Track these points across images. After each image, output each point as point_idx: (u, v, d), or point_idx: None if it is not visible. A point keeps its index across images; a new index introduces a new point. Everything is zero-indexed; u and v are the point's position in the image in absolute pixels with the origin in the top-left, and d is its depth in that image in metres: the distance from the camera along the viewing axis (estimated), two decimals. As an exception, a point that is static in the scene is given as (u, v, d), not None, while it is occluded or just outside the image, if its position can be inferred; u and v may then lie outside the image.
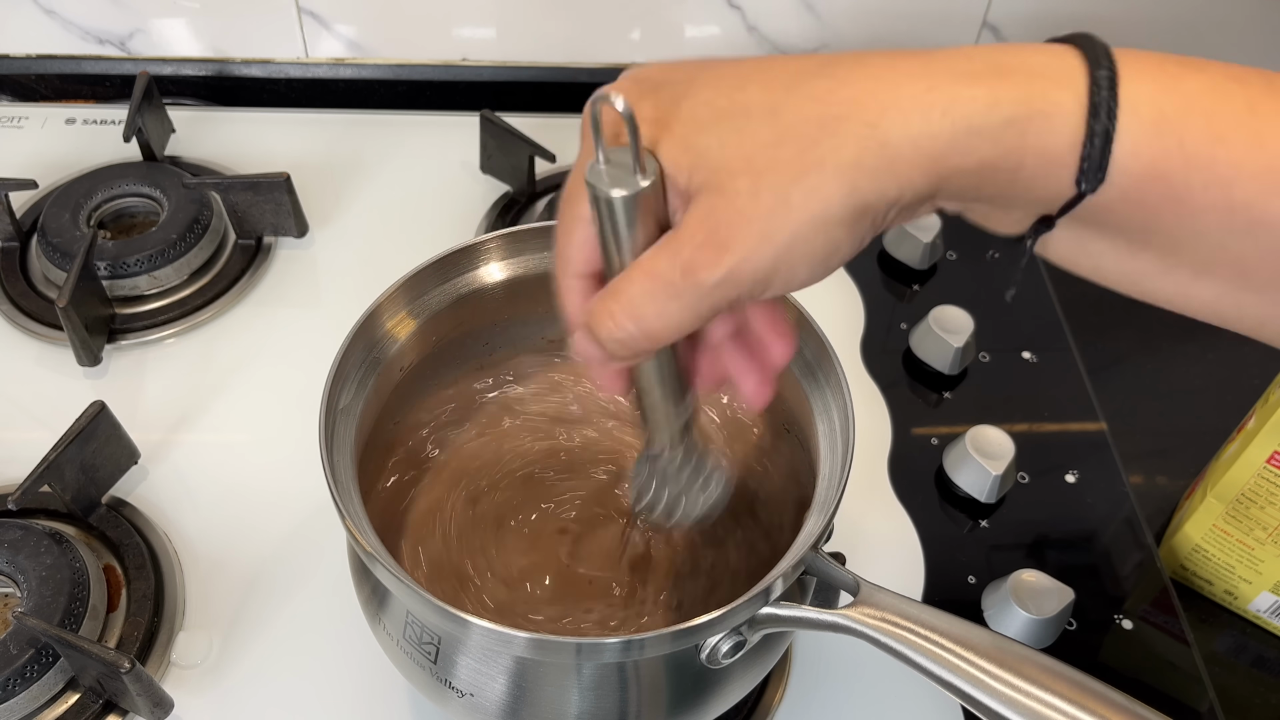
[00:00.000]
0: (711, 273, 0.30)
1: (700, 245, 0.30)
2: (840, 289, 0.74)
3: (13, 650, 0.50)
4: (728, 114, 0.31)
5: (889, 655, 0.38)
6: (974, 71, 0.29)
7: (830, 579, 0.41)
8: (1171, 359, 0.73)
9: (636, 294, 0.32)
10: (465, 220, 0.77)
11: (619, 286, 0.32)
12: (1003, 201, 0.31)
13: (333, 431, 0.43)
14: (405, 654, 0.43)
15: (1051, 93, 0.29)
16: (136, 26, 0.84)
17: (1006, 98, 0.29)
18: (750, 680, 0.44)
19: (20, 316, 0.69)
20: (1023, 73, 0.29)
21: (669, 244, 0.31)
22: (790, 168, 0.29)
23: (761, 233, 0.30)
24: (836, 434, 0.44)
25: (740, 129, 0.30)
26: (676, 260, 0.31)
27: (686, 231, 0.31)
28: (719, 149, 0.30)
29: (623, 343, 0.33)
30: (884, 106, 0.29)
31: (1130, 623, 0.58)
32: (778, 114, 0.30)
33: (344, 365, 0.44)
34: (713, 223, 0.30)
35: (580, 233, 0.34)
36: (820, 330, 0.45)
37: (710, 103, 0.31)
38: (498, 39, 0.86)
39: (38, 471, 0.55)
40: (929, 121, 0.29)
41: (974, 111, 0.29)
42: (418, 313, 0.48)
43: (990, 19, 0.85)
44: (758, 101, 0.30)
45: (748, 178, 0.30)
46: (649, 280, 0.32)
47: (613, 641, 0.37)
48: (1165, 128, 0.29)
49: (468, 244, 0.48)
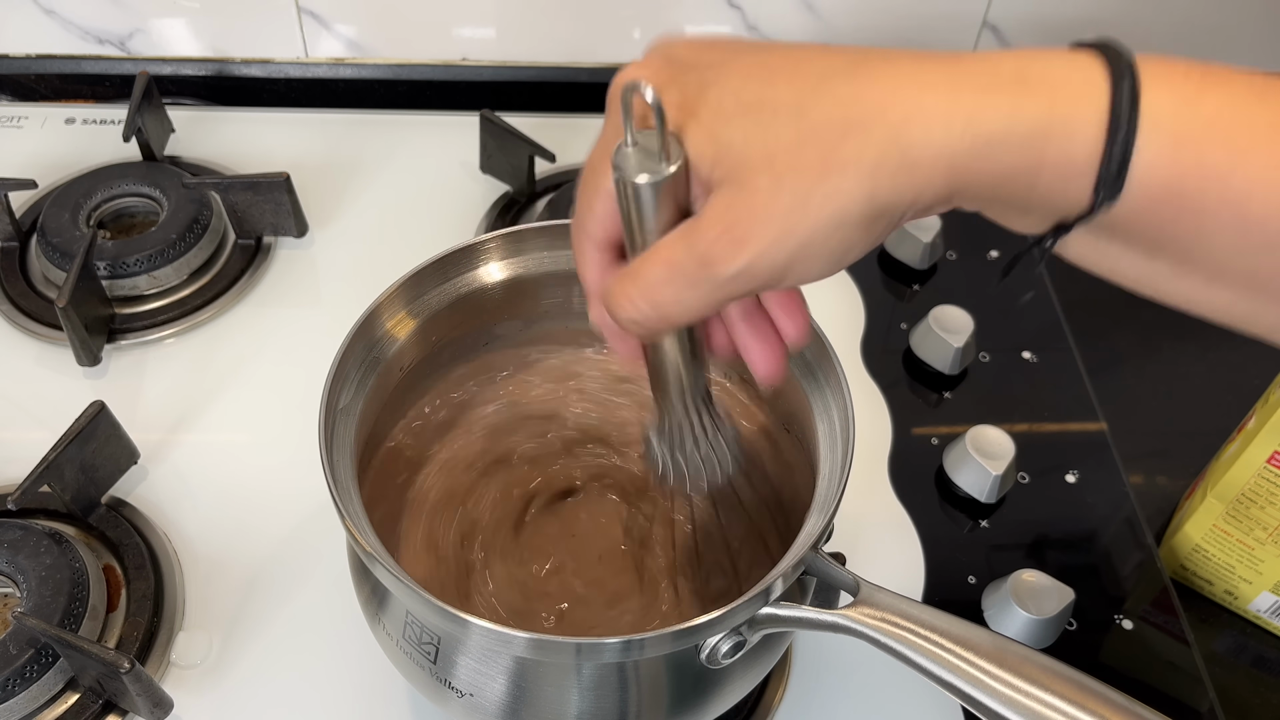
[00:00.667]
0: (728, 266, 0.31)
1: (718, 238, 0.31)
2: (840, 289, 0.74)
3: (12, 650, 0.50)
4: (754, 108, 0.31)
5: (889, 655, 0.38)
6: (998, 82, 0.30)
7: (830, 579, 0.41)
8: (1171, 359, 0.73)
9: (654, 279, 0.33)
10: (465, 220, 0.77)
11: (638, 270, 0.33)
12: (1020, 206, 0.32)
13: (332, 431, 0.43)
14: (405, 654, 0.43)
15: (1073, 106, 0.29)
16: (136, 26, 0.84)
17: (1028, 110, 0.29)
18: (750, 681, 0.44)
19: (20, 316, 0.69)
20: (1046, 84, 0.30)
21: (689, 233, 0.32)
22: (812, 169, 0.30)
23: (779, 230, 0.31)
24: (836, 434, 0.44)
25: (765, 126, 0.31)
26: (695, 251, 0.32)
27: (706, 222, 0.32)
28: (743, 144, 0.31)
29: (639, 324, 0.34)
30: (908, 114, 0.30)
31: (1130, 623, 0.58)
32: (803, 114, 0.30)
33: (344, 365, 0.44)
34: (732, 217, 0.31)
35: (601, 205, 0.35)
36: (820, 330, 0.45)
37: (738, 94, 0.31)
38: (498, 39, 0.86)
39: (37, 471, 0.55)
40: (951, 131, 0.29)
41: (996, 123, 0.29)
42: (418, 312, 0.48)
43: (990, 19, 0.85)
44: (785, 98, 0.31)
45: (769, 175, 0.30)
46: (667, 267, 0.32)
47: (611, 642, 0.37)
48: (1185, 145, 0.29)
49: (468, 244, 0.48)
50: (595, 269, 0.37)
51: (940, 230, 0.75)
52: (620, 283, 0.34)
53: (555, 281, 0.50)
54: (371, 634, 0.45)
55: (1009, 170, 0.30)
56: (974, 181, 0.30)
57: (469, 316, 0.50)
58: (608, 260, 0.36)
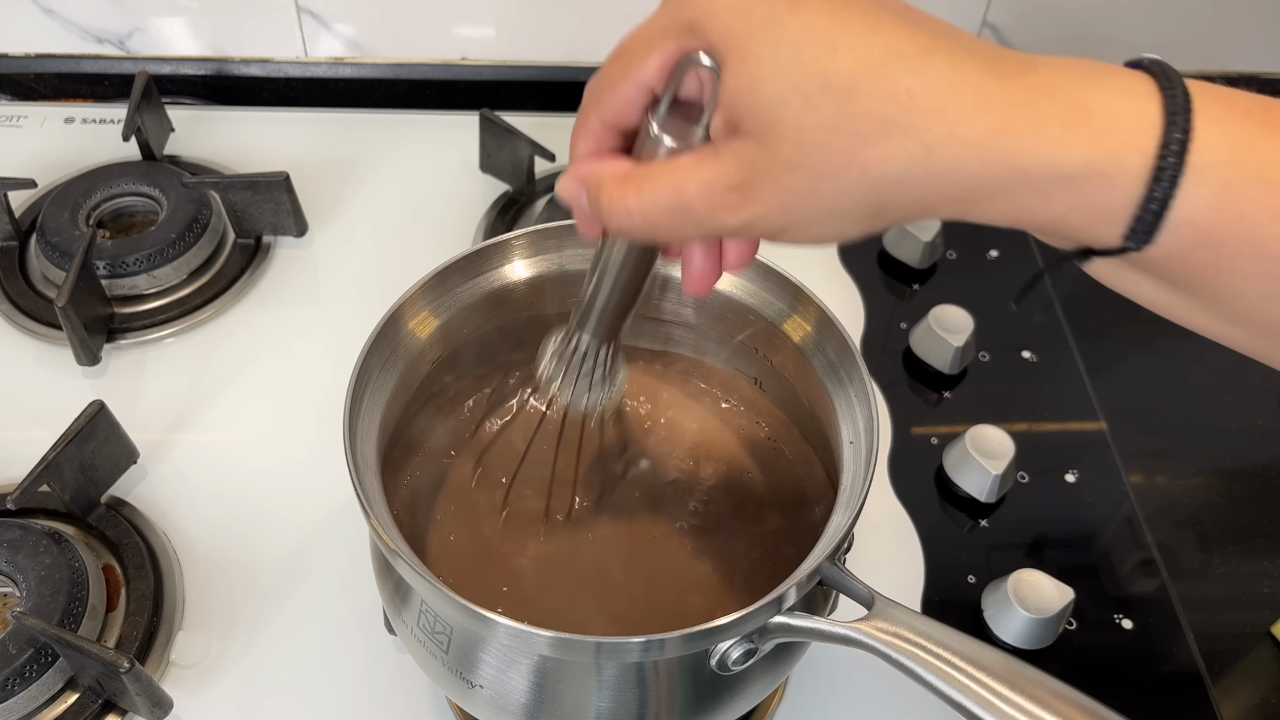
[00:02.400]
0: (732, 217, 0.32)
1: (730, 187, 0.32)
2: (840, 288, 0.74)
3: (12, 650, 0.50)
4: (805, 73, 0.30)
5: (900, 671, 0.37)
6: (1052, 112, 0.29)
7: (845, 591, 0.41)
8: (1171, 359, 0.73)
9: (658, 200, 0.33)
10: (465, 219, 0.77)
11: (643, 185, 0.33)
12: (1039, 233, 0.32)
13: (356, 429, 0.43)
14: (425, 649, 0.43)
15: (1120, 154, 0.28)
16: (135, 25, 0.84)
17: (1073, 152, 0.28)
18: (762, 690, 0.44)
19: (19, 316, 0.69)
20: (1099, 121, 0.29)
21: (703, 170, 0.32)
22: (835, 159, 0.30)
23: (784, 201, 0.31)
24: (861, 438, 0.43)
25: (809, 97, 0.30)
26: (705, 194, 0.32)
27: (723, 168, 0.32)
28: (781, 106, 0.30)
29: (622, 226, 0.34)
30: (949, 136, 0.29)
31: (1130, 622, 0.58)
32: (852, 97, 0.29)
33: (367, 363, 0.44)
34: (747, 172, 0.31)
35: (627, 90, 0.34)
36: (844, 329, 0.45)
37: (797, 48, 0.30)
38: (497, 38, 0.86)
39: (37, 471, 0.55)
40: (986, 167, 0.29)
41: (1035, 166, 0.29)
42: (440, 311, 0.48)
43: (990, 19, 0.85)
44: (841, 73, 0.29)
45: (794, 147, 0.30)
46: (674, 196, 0.33)
47: (621, 641, 0.37)
48: (1228, 199, 0.28)
49: (493, 242, 0.48)
50: (592, 145, 0.36)
51: (940, 230, 0.75)
52: (621, 187, 0.34)
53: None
54: (372, 633, 0.45)
55: (1033, 210, 0.30)
56: (991, 212, 0.30)
57: (492, 315, 0.50)
58: (609, 139, 0.36)
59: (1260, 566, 0.63)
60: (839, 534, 0.40)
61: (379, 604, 0.50)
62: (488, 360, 0.53)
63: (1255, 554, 0.63)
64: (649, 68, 0.34)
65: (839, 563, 0.41)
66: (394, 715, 0.53)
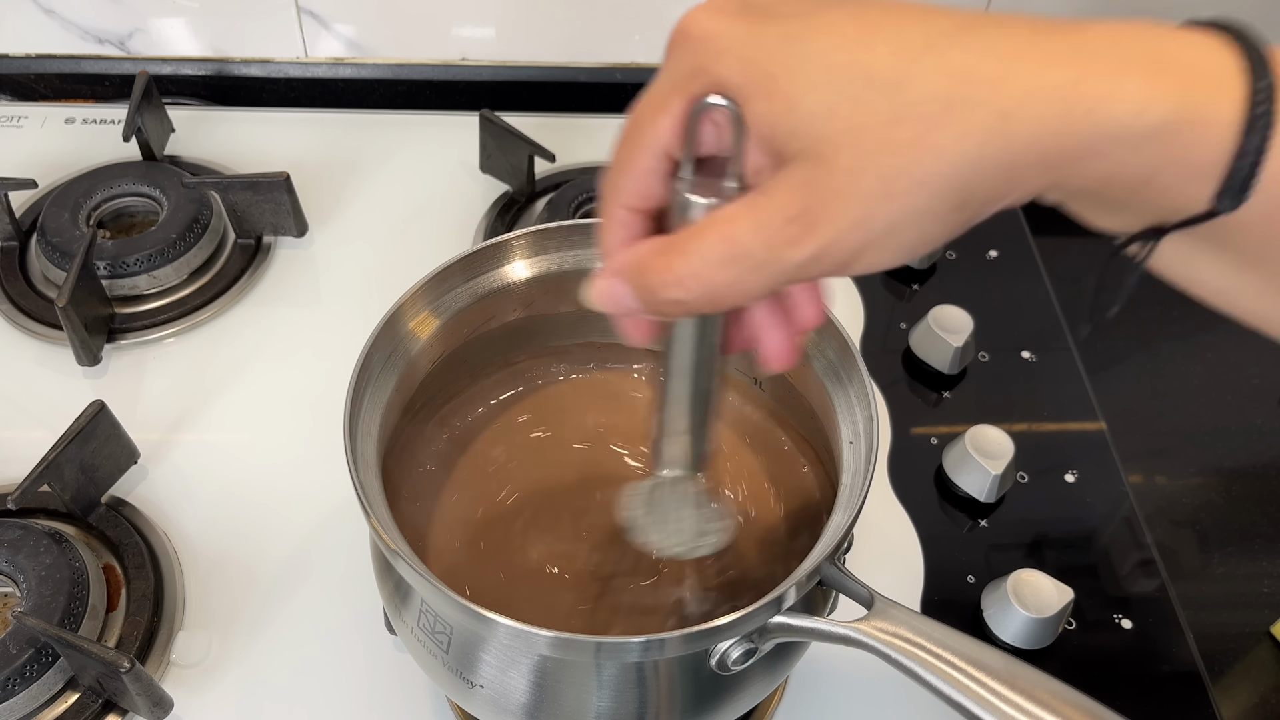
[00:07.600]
0: (798, 251, 0.28)
1: (790, 220, 0.28)
2: (840, 288, 0.74)
3: (12, 650, 0.50)
4: (846, 75, 0.27)
5: (899, 671, 0.37)
6: (1128, 62, 0.26)
7: (845, 591, 0.41)
8: (1171, 359, 0.73)
9: (710, 258, 0.29)
10: (465, 220, 0.77)
11: (688, 245, 0.30)
12: (1117, 204, 0.29)
13: (356, 429, 0.43)
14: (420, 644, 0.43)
15: (1210, 101, 0.26)
16: (136, 26, 0.84)
17: (1160, 101, 0.26)
18: (762, 690, 0.44)
19: (20, 316, 0.69)
20: (1179, 70, 0.26)
21: (754, 210, 0.29)
22: (904, 152, 0.27)
23: (858, 215, 0.28)
24: (860, 438, 0.43)
25: (857, 98, 0.27)
26: (762, 232, 0.28)
27: (777, 201, 0.28)
28: (828, 116, 0.27)
29: (681, 303, 0.30)
30: (1023, 95, 0.26)
31: (1130, 622, 0.58)
32: (903, 86, 0.27)
33: (367, 363, 0.44)
34: (807, 197, 0.28)
35: (644, 162, 0.31)
36: (844, 329, 0.45)
37: (828, 56, 0.27)
38: (497, 39, 0.86)
39: (37, 471, 0.55)
40: (1070, 120, 0.26)
41: (1122, 115, 0.26)
42: (440, 311, 0.48)
43: (990, 19, 0.85)
44: (883, 66, 0.27)
45: (854, 154, 0.27)
46: (728, 246, 0.29)
47: (621, 641, 0.37)
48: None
49: (493, 242, 0.48)
50: (621, 236, 0.32)
51: (940, 230, 0.75)
52: (665, 257, 0.30)
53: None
54: (372, 633, 0.45)
55: (1122, 168, 0.27)
56: (1078, 177, 0.27)
57: (493, 316, 0.49)
58: (638, 225, 0.32)
59: (1259, 566, 0.63)
60: (838, 534, 0.40)
61: (379, 604, 0.50)
62: (488, 360, 0.53)
63: (1255, 554, 0.64)
64: (661, 131, 0.30)
65: (838, 563, 0.41)
66: (394, 715, 0.53)
